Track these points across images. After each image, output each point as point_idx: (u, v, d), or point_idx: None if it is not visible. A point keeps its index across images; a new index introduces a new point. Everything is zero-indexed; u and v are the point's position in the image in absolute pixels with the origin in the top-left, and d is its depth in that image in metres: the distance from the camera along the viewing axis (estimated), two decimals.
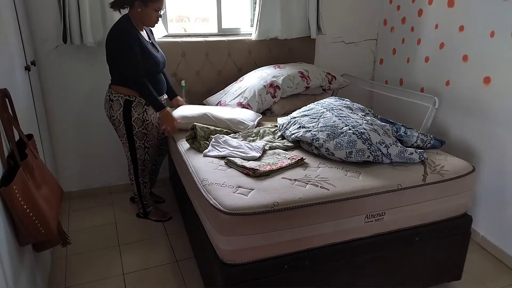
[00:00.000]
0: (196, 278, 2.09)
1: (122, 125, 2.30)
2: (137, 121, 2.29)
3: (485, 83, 2.31)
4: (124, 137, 2.35)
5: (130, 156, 2.42)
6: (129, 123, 2.29)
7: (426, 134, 2.10)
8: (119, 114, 2.27)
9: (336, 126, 1.95)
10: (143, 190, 2.55)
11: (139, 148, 2.39)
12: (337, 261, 1.69)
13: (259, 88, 2.62)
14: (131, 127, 2.30)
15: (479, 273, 2.17)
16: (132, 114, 2.27)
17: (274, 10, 2.93)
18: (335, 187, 1.64)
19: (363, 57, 3.46)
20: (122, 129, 2.32)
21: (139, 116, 2.29)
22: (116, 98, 2.26)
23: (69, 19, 2.44)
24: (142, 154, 2.42)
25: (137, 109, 2.28)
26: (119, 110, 2.26)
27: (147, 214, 2.64)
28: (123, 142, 2.39)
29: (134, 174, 2.49)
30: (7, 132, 1.44)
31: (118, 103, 2.26)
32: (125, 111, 2.26)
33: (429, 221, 1.84)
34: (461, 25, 2.46)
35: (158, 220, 2.64)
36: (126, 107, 2.26)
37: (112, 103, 2.27)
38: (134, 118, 2.28)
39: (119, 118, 2.28)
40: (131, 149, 2.39)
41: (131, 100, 2.26)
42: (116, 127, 2.34)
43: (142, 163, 2.46)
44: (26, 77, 2.18)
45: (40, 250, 1.75)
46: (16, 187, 1.33)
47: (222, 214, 1.47)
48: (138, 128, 2.32)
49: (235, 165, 1.83)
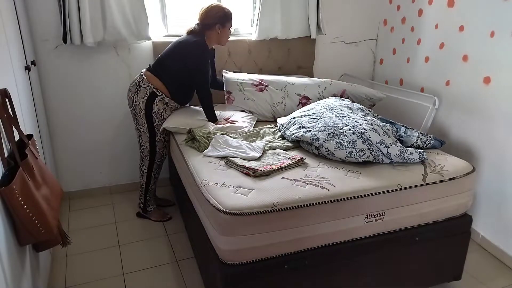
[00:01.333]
0: (196, 278, 2.09)
1: (142, 114, 2.35)
2: (156, 115, 2.37)
3: (485, 83, 2.31)
4: (145, 126, 2.39)
5: (149, 147, 2.45)
6: (150, 114, 2.35)
7: (426, 134, 2.10)
8: (142, 102, 2.33)
9: (336, 126, 1.95)
10: (151, 186, 2.58)
11: (159, 142, 2.45)
12: (337, 261, 1.69)
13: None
14: (152, 119, 2.37)
15: (479, 273, 2.17)
16: (153, 107, 2.34)
17: (274, 10, 2.93)
18: (335, 187, 1.64)
19: (363, 57, 3.46)
20: (142, 117, 2.37)
21: (158, 111, 2.36)
22: (145, 87, 2.33)
23: (69, 19, 2.44)
24: (161, 148, 2.48)
25: (159, 103, 2.35)
26: (143, 98, 2.32)
27: (147, 211, 2.65)
28: (143, 131, 2.41)
29: (148, 166, 2.51)
30: (7, 132, 1.44)
31: (145, 92, 2.32)
32: (148, 101, 2.33)
33: (429, 221, 1.84)
34: (461, 25, 2.46)
35: (158, 220, 2.65)
36: (151, 97, 2.33)
37: (139, 89, 2.33)
38: (154, 111, 2.35)
39: (141, 106, 2.34)
40: (151, 140, 2.43)
41: (157, 93, 2.33)
42: (136, 113, 2.38)
43: (160, 157, 2.51)
44: (26, 77, 2.18)
45: (40, 250, 1.75)
46: (16, 187, 1.33)
47: (222, 214, 1.47)
48: (157, 121, 2.39)
49: (235, 165, 1.83)
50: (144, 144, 2.46)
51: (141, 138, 2.46)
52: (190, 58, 2.33)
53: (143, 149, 2.48)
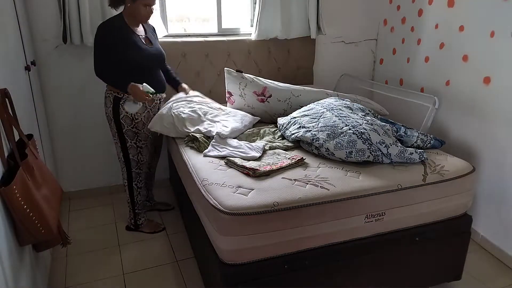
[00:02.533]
0: (196, 278, 2.09)
1: (113, 122, 2.25)
2: (125, 119, 2.23)
3: (485, 83, 2.31)
4: (116, 135, 2.29)
5: (123, 157, 2.33)
6: (118, 120, 2.24)
7: (426, 134, 2.11)
8: (109, 111, 2.24)
9: (336, 126, 1.95)
10: (136, 197, 2.42)
11: (131, 148, 2.31)
12: (337, 261, 1.69)
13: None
14: (121, 125, 2.25)
15: (479, 273, 2.17)
16: (120, 112, 2.22)
17: (274, 10, 2.93)
18: (335, 187, 1.64)
19: (363, 57, 3.46)
20: (113, 127, 2.27)
21: (127, 114, 2.23)
22: (108, 95, 2.23)
23: (69, 19, 2.44)
24: (135, 154, 2.33)
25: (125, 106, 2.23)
26: (110, 107, 2.23)
27: (138, 226, 2.51)
28: (115, 141, 2.33)
29: (127, 177, 2.37)
30: (7, 132, 1.44)
31: (109, 100, 2.23)
32: (114, 108, 2.22)
33: (429, 221, 1.84)
34: (461, 25, 2.46)
35: (151, 232, 2.51)
36: (115, 104, 2.21)
37: (106, 100, 2.26)
38: (122, 116, 2.22)
39: (110, 115, 2.25)
40: (123, 149, 2.31)
41: (119, 97, 2.20)
42: (110, 125, 2.29)
43: (136, 164, 2.36)
44: (26, 77, 2.18)
45: (40, 250, 1.75)
46: (16, 187, 1.33)
47: (222, 214, 1.47)
48: (127, 127, 2.26)
49: (235, 165, 1.83)
50: (118, 155, 2.35)
51: (116, 149, 2.35)
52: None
53: (119, 160, 2.37)
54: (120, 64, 2.17)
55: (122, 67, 2.18)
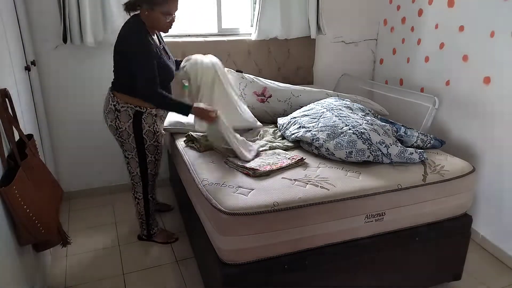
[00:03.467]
0: (196, 278, 2.09)
1: (131, 138, 2.06)
2: (148, 134, 2.08)
3: (485, 83, 2.31)
4: (134, 151, 2.11)
5: (140, 172, 2.18)
6: (140, 136, 2.06)
7: (426, 134, 2.11)
8: (128, 126, 2.03)
9: (336, 126, 1.95)
10: (151, 208, 2.33)
11: (150, 163, 2.17)
12: (337, 262, 1.69)
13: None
14: (143, 141, 2.08)
15: (479, 273, 2.17)
16: (143, 127, 2.05)
17: (274, 10, 2.93)
18: (335, 187, 1.64)
19: (363, 57, 3.46)
20: (131, 142, 2.08)
21: (150, 128, 2.07)
22: (124, 109, 2.01)
23: (69, 19, 2.44)
24: (153, 168, 2.21)
25: (148, 120, 2.06)
26: (128, 122, 2.02)
27: (151, 236, 2.41)
28: (131, 157, 2.14)
29: (142, 191, 2.25)
30: (7, 132, 1.44)
31: (127, 114, 2.01)
32: (135, 123, 2.03)
33: (429, 221, 1.84)
34: (461, 25, 2.46)
35: (165, 242, 2.40)
36: (136, 118, 2.02)
37: (119, 114, 2.01)
38: (145, 131, 2.06)
39: (128, 130, 2.04)
40: (142, 165, 2.15)
41: (141, 111, 2.03)
42: (124, 140, 2.08)
43: (152, 178, 2.24)
44: (26, 77, 2.18)
45: (40, 250, 1.75)
46: (16, 187, 1.33)
47: (222, 214, 1.47)
48: (149, 142, 2.10)
49: (235, 165, 1.83)
50: (134, 171, 2.18)
51: (130, 165, 2.17)
52: (123, 55, 1.96)
53: (134, 176, 2.20)
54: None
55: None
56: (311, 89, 2.59)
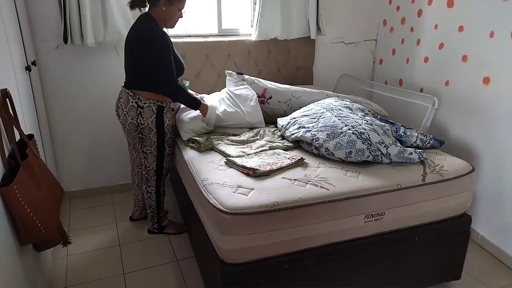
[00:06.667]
0: (196, 278, 2.09)
1: (153, 133, 2.13)
2: (168, 127, 2.17)
3: (484, 83, 2.32)
4: (154, 146, 2.17)
5: (156, 166, 2.24)
6: (162, 130, 2.14)
7: (426, 134, 2.11)
8: (151, 121, 2.09)
9: (336, 126, 1.96)
10: (162, 201, 2.40)
11: (167, 156, 2.26)
12: (337, 261, 1.69)
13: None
14: (163, 135, 2.16)
15: (479, 273, 2.18)
16: (164, 121, 2.13)
17: (274, 10, 2.93)
18: (334, 187, 1.64)
19: (363, 57, 3.46)
20: (153, 137, 2.14)
21: (170, 122, 2.17)
22: (147, 105, 2.06)
23: (69, 19, 2.44)
24: (169, 162, 2.30)
25: (168, 114, 2.15)
26: (151, 117, 2.09)
27: (162, 228, 2.47)
28: (150, 152, 2.19)
29: (156, 185, 2.31)
30: (7, 132, 1.45)
31: (150, 110, 2.07)
32: (158, 117, 2.10)
33: (429, 221, 1.85)
34: (461, 25, 2.46)
35: (177, 233, 2.48)
36: (159, 113, 2.10)
37: (143, 110, 2.07)
38: (166, 125, 2.15)
39: (151, 126, 2.10)
40: (159, 159, 2.22)
41: (163, 106, 2.11)
42: (145, 135, 2.13)
43: (166, 172, 2.33)
44: (27, 77, 2.18)
45: (40, 250, 1.75)
46: (16, 187, 1.33)
47: (222, 214, 1.47)
48: (169, 135, 2.19)
49: (235, 165, 1.83)
50: (150, 165, 2.24)
51: (147, 159, 2.23)
52: (140, 52, 2.01)
53: (149, 170, 2.26)
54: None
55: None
56: (311, 90, 2.59)
